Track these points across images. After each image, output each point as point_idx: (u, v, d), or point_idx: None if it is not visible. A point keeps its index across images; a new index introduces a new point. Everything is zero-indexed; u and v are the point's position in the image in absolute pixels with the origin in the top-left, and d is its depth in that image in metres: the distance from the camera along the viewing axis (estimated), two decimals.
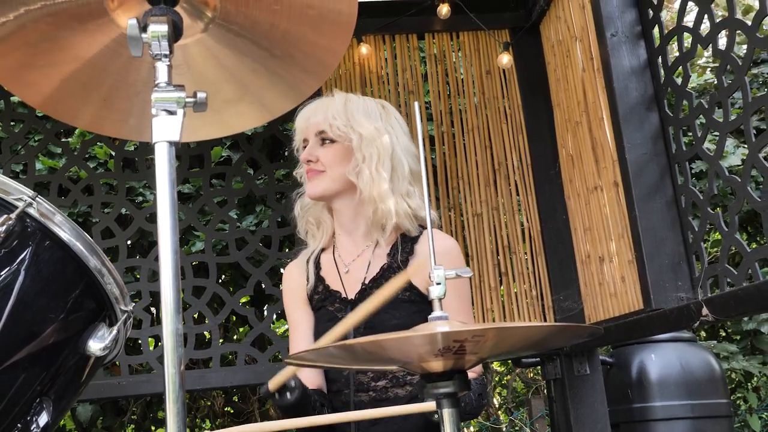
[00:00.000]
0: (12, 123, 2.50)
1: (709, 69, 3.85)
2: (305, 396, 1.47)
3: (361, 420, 1.53)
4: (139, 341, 2.36)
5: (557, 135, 2.42)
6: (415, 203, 1.65)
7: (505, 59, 2.38)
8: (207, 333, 2.44)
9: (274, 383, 1.44)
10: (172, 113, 0.86)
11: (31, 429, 0.97)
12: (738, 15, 1.67)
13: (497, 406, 4.19)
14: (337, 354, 0.99)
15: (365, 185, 1.58)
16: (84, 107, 1.00)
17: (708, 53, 3.77)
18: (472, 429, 3.89)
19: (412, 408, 1.30)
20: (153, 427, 3.44)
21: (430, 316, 0.97)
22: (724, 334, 4.09)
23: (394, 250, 1.63)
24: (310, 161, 1.63)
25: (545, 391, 3.76)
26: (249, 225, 2.94)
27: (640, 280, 1.88)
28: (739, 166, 3.30)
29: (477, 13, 2.41)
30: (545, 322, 2.32)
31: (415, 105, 1.03)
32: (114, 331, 0.99)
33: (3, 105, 2.47)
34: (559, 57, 2.35)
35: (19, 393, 0.95)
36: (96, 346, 0.98)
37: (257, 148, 2.53)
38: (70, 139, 3.00)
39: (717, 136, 2.45)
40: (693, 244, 1.84)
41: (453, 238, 1.97)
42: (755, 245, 3.79)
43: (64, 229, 0.95)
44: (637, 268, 1.89)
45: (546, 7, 2.40)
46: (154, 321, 2.65)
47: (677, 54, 1.89)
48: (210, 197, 2.48)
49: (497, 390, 4.20)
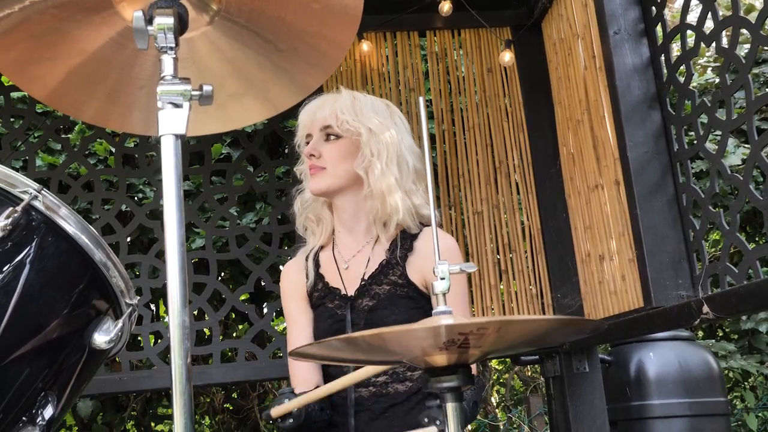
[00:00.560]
0: (12, 119, 2.50)
1: (710, 68, 3.86)
2: (309, 418, 1.50)
3: (363, 410, 1.54)
4: (140, 337, 2.36)
5: (558, 133, 2.42)
6: (418, 201, 1.65)
7: (507, 57, 2.38)
8: (207, 330, 2.44)
9: (276, 412, 1.46)
10: (178, 106, 0.86)
11: (37, 422, 0.97)
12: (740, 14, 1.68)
13: (495, 404, 4.19)
14: (341, 348, 0.99)
15: (376, 180, 1.58)
16: (89, 101, 1.00)
17: (709, 53, 3.78)
18: (469, 427, 3.90)
19: None
20: (153, 423, 3.44)
21: (434, 310, 0.97)
22: (721, 333, 4.09)
23: (393, 246, 1.63)
24: (312, 155, 1.63)
25: (544, 389, 3.76)
26: (249, 222, 2.94)
27: (640, 277, 1.88)
28: (739, 165, 3.31)
29: (479, 11, 2.40)
30: None
31: (420, 99, 1.03)
32: (119, 325, 0.99)
33: (3, 101, 2.46)
34: (561, 55, 2.35)
35: (25, 386, 0.95)
36: (101, 339, 0.98)
37: (257, 145, 2.53)
38: (70, 136, 3.00)
39: (717, 135, 2.46)
40: (694, 242, 1.85)
41: (453, 236, 1.97)
42: (754, 245, 3.79)
43: (69, 222, 0.94)
44: (638, 266, 1.89)
45: (548, 5, 2.40)
46: (154, 317, 2.64)
47: (680, 52, 1.89)
48: (210, 194, 2.47)
49: (495, 388, 4.20)
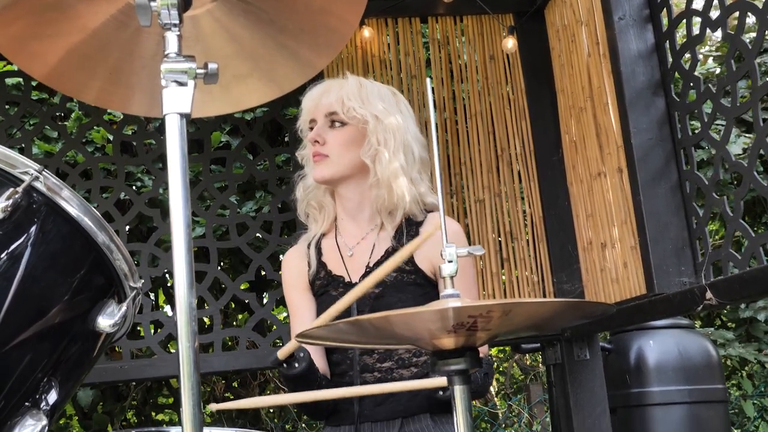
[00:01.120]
0: (7, 106, 2.47)
1: (712, 58, 3.84)
2: (312, 367, 1.47)
3: (367, 395, 1.53)
4: (140, 326, 2.35)
5: (561, 121, 2.40)
6: (423, 189, 1.64)
7: (510, 43, 2.36)
8: (207, 319, 2.43)
9: (282, 352, 1.45)
10: (182, 84, 0.85)
11: (41, 407, 0.96)
12: None
13: (494, 392, 4.20)
14: (348, 331, 0.98)
15: (383, 168, 1.57)
16: (90, 81, 0.98)
17: (711, 42, 3.76)
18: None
19: (419, 384, 1.30)
20: (153, 413, 3.44)
21: (442, 293, 0.96)
22: (719, 322, 4.10)
23: (399, 233, 1.62)
24: (317, 142, 1.61)
25: (543, 378, 3.77)
26: (249, 211, 2.92)
27: (643, 264, 1.88)
28: (740, 155, 3.30)
29: None
30: None
31: (428, 81, 1.02)
32: (123, 308, 0.98)
33: None
34: (564, 42, 2.34)
35: (28, 370, 0.94)
36: (105, 322, 0.97)
37: (258, 132, 2.51)
38: (66, 123, 2.97)
39: (718, 125, 2.45)
40: (697, 229, 1.84)
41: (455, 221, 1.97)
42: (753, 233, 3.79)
43: (72, 204, 0.93)
44: (641, 252, 1.89)
45: None
46: (154, 306, 2.64)
47: (685, 39, 1.88)
48: (210, 182, 2.45)
49: (495, 377, 4.21)
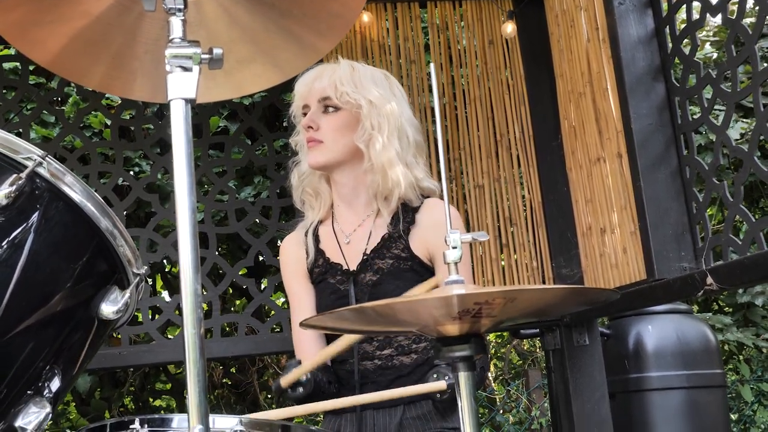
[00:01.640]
0: (4, 90, 2.45)
1: (709, 43, 3.83)
2: (317, 388, 1.49)
3: (368, 387, 1.54)
4: (138, 311, 2.35)
5: (560, 106, 2.40)
6: (419, 174, 1.63)
7: (510, 28, 2.35)
8: (205, 305, 2.43)
9: (286, 381, 1.45)
10: (187, 70, 0.84)
11: (44, 394, 0.95)
12: None
13: (492, 377, 4.23)
14: (351, 318, 0.99)
15: (377, 154, 1.56)
16: (93, 66, 0.98)
17: (708, 27, 3.75)
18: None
19: (419, 389, 1.31)
20: (151, 399, 3.45)
21: (446, 279, 0.96)
22: (716, 307, 4.13)
23: (395, 219, 1.62)
24: (310, 128, 1.60)
25: (542, 362, 3.79)
26: (247, 196, 2.91)
27: (643, 250, 1.88)
28: (738, 140, 3.31)
29: None
30: None
31: (431, 67, 1.01)
32: (126, 295, 0.97)
33: None
34: (563, 27, 2.33)
35: (32, 358, 0.93)
36: (108, 309, 0.96)
37: (256, 117, 2.49)
38: (64, 108, 2.95)
39: (717, 110, 2.45)
40: (697, 214, 1.85)
41: (454, 206, 1.97)
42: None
43: (75, 190, 0.92)
44: (641, 238, 1.89)
45: None
46: (152, 292, 2.64)
47: (685, 24, 1.87)
48: (209, 167, 2.45)
49: (493, 362, 4.24)
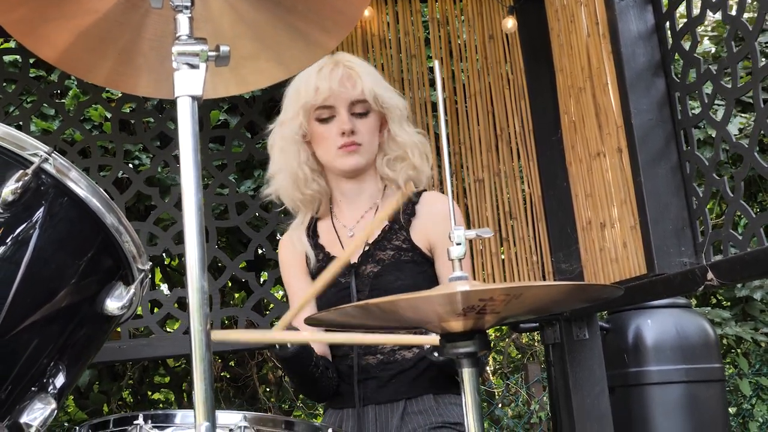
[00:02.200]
0: (4, 83, 2.44)
1: (707, 38, 3.83)
2: (305, 348, 1.49)
3: (369, 382, 1.56)
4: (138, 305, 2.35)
5: (560, 101, 2.40)
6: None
7: (510, 23, 2.35)
8: None
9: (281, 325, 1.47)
10: (194, 67, 0.84)
11: (49, 390, 0.96)
12: None
13: (491, 371, 4.25)
14: (356, 315, 0.99)
15: (398, 148, 1.62)
16: (100, 62, 0.97)
17: (707, 22, 3.75)
18: None
19: (413, 339, 1.32)
20: (149, 392, 3.45)
21: (450, 276, 0.97)
22: (714, 301, 4.14)
23: (395, 212, 1.63)
24: (354, 132, 1.58)
25: (541, 356, 3.81)
26: (247, 189, 2.91)
27: (643, 245, 1.89)
28: (737, 135, 3.31)
29: None
30: None
31: (436, 63, 1.02)
32: (131, 290, 0.98)
33: None
34: (563, 22, 2.33)
35: (37, 354, 0.94)
36: (113, 305, 0.97)
37: (257, 111, 2.49)
38: (64, 101, 2.94)
39: (716, 106, 2.45)
40: (697, 210, 1.85)
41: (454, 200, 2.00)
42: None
43: (80, 186, 0.93)
44: (641, 233, 1.90)
45: None
46: (152, 285, 2.64)
47: (685, 20, 1.87)
48: (209, 161, 2.44)
49: (491, 355, 4.26)
